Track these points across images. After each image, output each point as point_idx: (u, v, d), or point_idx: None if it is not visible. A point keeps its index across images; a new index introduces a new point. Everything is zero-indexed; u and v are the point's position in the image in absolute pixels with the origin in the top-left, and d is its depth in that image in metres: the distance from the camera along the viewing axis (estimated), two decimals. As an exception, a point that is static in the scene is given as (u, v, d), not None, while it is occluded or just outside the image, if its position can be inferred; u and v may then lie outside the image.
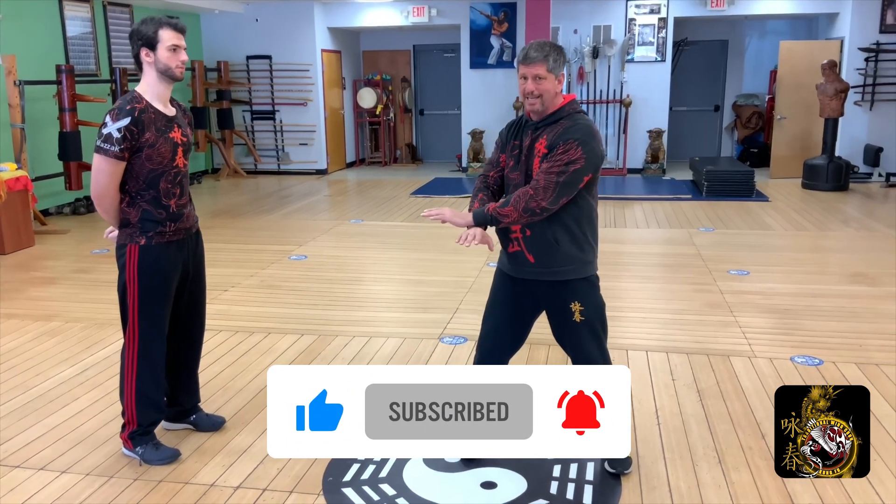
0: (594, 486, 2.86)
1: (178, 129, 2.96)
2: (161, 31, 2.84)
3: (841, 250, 6.63)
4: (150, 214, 2.91)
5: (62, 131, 7.78)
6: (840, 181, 9.47)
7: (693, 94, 12.39)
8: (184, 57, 2.91)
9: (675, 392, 3.68)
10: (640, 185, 10.38)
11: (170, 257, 2.97)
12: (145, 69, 2.89)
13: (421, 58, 13.19)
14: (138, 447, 3.06)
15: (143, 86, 2.91)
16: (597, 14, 11.15)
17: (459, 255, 6.56)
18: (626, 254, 6.60)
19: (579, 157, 2.63)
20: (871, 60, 10.19)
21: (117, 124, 2.78)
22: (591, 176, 2.71)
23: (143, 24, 2.87)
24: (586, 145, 2.65)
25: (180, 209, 2.99)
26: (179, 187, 2.98)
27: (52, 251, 6.84)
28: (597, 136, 2.73)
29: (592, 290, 2.86)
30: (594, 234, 2.84)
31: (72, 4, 8.77)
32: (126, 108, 2.81)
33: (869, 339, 4.37)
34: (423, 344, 4.37)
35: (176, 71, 2.88)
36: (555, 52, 2.72)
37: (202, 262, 3.20)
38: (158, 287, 2.96)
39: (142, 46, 2.86)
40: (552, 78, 2.70)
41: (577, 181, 2.66)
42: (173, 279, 3.01)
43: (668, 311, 4.95)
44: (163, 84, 2.90)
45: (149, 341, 3.00)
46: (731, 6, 10.72)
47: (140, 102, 2.85)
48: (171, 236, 2.97)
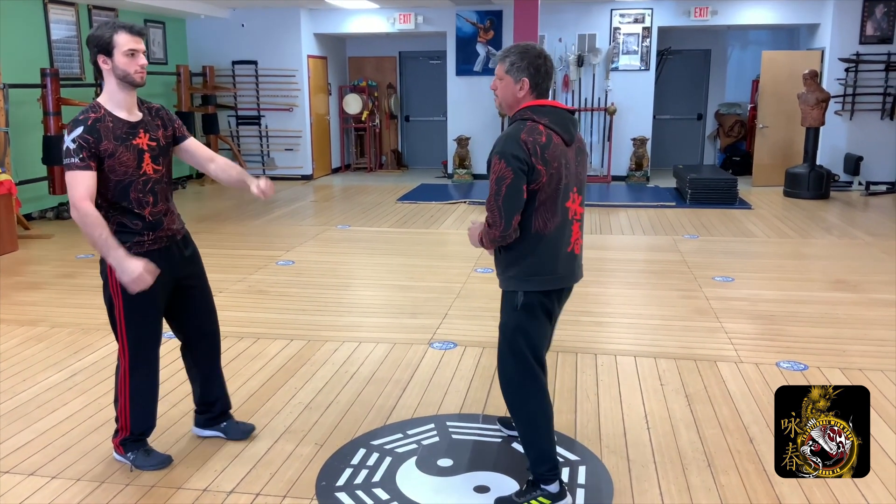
0: (586, 489, 2.89)
1: (145, 133, 2.84)
2: (116, 36, 2.72)
3: (823, 257, 6.72)
4: (124, 227, 2.83)
5: (46, 135, 7.73)
6: (821, 189, 9.60)
7: (676, 103, 12.53)
8: (143, 61, 2.77)
9: (663, 397, 3.72)
10: (624, 192, 10.46)
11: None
12: (105, 77, 2.77)
13: (407, 64, 13.23)
14: (129, 452, 3.05)
15: (104, 95, 2.80)
16: (582, 23, 11.24)
17: (447, 261, 6.59)
18: (613, 260, 6.66)
19: (503, 169, 2.55)
20: (851, 71, 10.35)
21: (72, 135, 2.70)
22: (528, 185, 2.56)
23: (98, 29, 2.75)
24: (503, 155, 2.56)
25: (157, 217, 2.88)
26: (152, 195, 2.86)
27: (36, 256, 6.79)
28: (516, 141, 2.56)
29: (509, 306, 2.74)
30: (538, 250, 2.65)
31: (56, 8, 8.72)
32: (79, 119, 2.73)
33: (852, 344, 4.44)
34: (412, 349, 4.38)
35: (135, 76, 2.76)
36: (514, 56, 2.66)
37: (197, 265, 3.13)
38: (142, 299, 2.83)
39: (98, 53, 2.74)
40: (509, 80, 2.66)
41: (516, 193, 2.55)
42: (157, 290, 2.85)
43: (655, 317, 4.99)
44: (124, 91, 2.79)
45: (139, 351, 2.97)
46: (715, 16, 10.85)
47: (97, 112, 2.75)
48: (150, 245, 2.88)
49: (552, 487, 2.72)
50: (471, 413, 3.54)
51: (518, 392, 2.75)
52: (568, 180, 2.66)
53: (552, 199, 2.62)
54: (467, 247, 6.80)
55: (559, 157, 2.61)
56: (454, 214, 8.72)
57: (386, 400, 3.71)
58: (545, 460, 2.73)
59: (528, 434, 2.76)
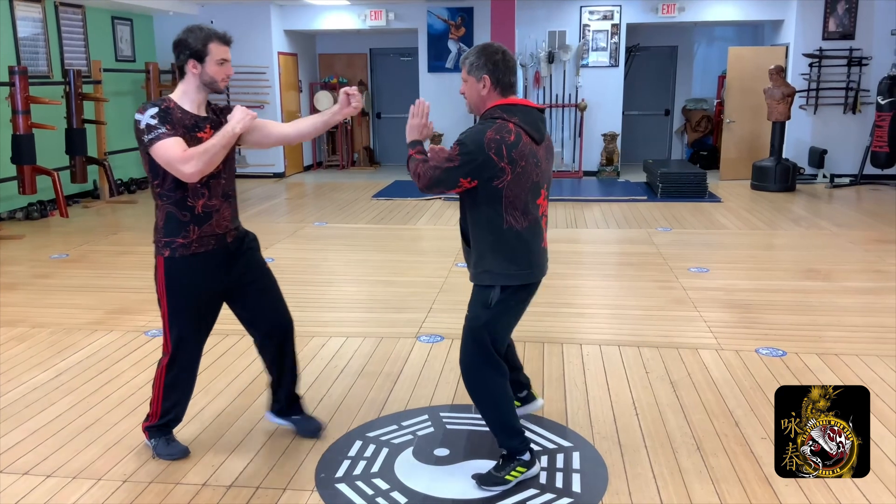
0: (582, 474, 2.95)
1: (211, 129, 2.86)
2: (210, 45, 2.79)
3: (793, 248, 6.89)
4: (173, 217, 2.85)
5: (15, 134, 7.59)
6: (787, 182, 9.83)
7: (644, 99, 12.71)
8: (230, 71, 2.87)
9: (649, 384, 3.80)
10: (595, 187, 10.59)
11: (197, 272, 2.91)
12: (187, 77, 2.84)
13: (378, 61, 13.21)
14: (153, 439, 3.10)
15: (178, 92, 2.86)
16: (552, 20, 11.34)
17: (427, 257, 6.63)
18: (590, 253, 6.75)
19: (455, 156, 2.65)
20: (814, 66, 10.60)
21: (147, 114, 2.75)
22: (472, 181, 2.64)
23: (191, 35, 2.80)
24: (463, 146, 2.65)
25: (207, 211, 2.88)
26: (207, 189, 2.87)
27: (8, 256, 6.67)
28: (479, 139, 2.62)
29: (480, 301, 2.81)
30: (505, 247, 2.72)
31: (23, 5, 8.55)
32: (151, 102, 2.82)
33: (827, 330, 4.57)
34: (400, 343, 4.41)
35: (220, 84, 2.85)
36: (473, 56, 2.75)
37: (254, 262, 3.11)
38: (186, 301, 2.92)
39: (189, 58, 2.80)
40: (472, 81, 2.76)
41: (451, 179, 2.66)
42: (202, 294, 2.95)
43: (635, 308, 5.09)
44: (202, 93, 2.87)
45: (179, 350, 3.00)
46: (682, 13, 11.04)
47: (166, 102, 2.82)
48: (196, 247, 2.88)
49: (525, 456, 2.88)
50: (463, 404, 3.58)
51: (478, 377, 2.87)
52: (539, 178, 2.73)
53: (522, 197, 2.69)
54: (446, 242, 6.88)
55: (527, 155, 2.67)
56: (430, 211, 8.75)
57: (378, 393, 3.73)
58: (514, 434, 2.88)
59: (494, 415, 2.89)
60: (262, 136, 3.09)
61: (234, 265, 3.02)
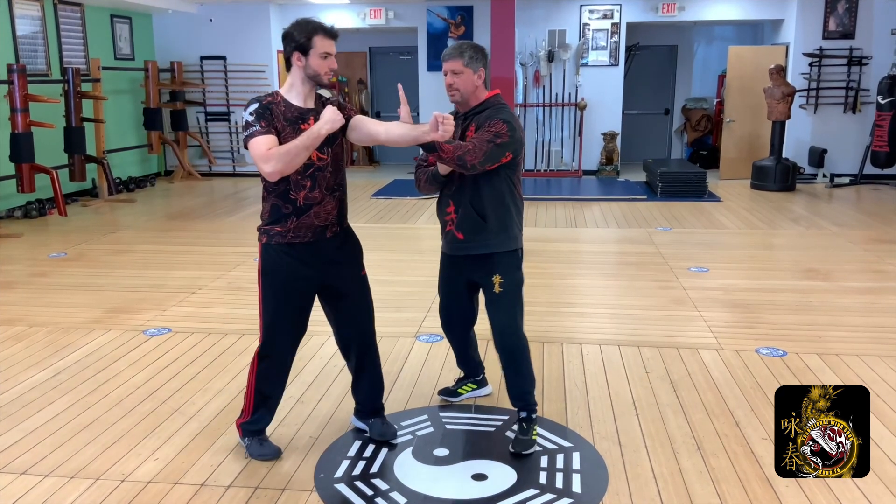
0: (582, 475, 2.94)
1: (315, 121, 2.84)
2: (315, 38, 2.81)
3: (792, 247, 6.88)
4: (277, 209, 2.89)
5: (14, 132, 7.57)
6: (787, 182, 9.82)
7: (644, 98, 12.69)
8: (334, 65, 2.87)
9: (649, 384, 3.79)
10: (595, 186, 10.57)
11: (291, 261, 2.92)
12: (293, 69, 2.87)
13: (377, 60, 13.20)
14: (246, 438, 3.12)
15: (286, 84, 2.90)
16: (552, 19, 11.33)
17: (426, 256, 6.61)
18: (589, 252, 6.75)
19: (504, 132, 2.94)
20: (814, 65, 10.59)
21: (248, 110, 2.82)
22: (511, 156, 3.00)
23: (297, 28, 2.84)
24: (510, 126, 2.96)
25: (308, 203, 2.88)
26: (311, 180, 2.87)
27: (6, 255, 6.65)
28: (519, 124, 3.05)
29: (513, 265, 3.13)
30: (519, 212, 3.14)
31: (22, 3, 8.53)
32: (255, 98, 2.87)
33: (827, 330, 4.57)
34: (400, 342, 4.40)
35: (324, 78, 2.86)
36: (471, 50, 3.01)
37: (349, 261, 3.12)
38: (279, 289, 2.95)
39: (294, 50, 2.84)
40: (469, 73, 3.02)
41: (500, 154, 2.94)
42: (296, 283, 2.96)
43: (635, 307, 5.08)
44: (307, 85, 2.88)
45: (270, 339, 3.02)
46: (682, 12, 11.02)
47: (272, 97, 2.85)
48: (293, 237, 2.90)
49: (534, 414, 3.21)
50: (463, 404, 3.57)
51: (522, 336, 3.20)
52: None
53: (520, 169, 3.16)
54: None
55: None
56: (430, 210, 8.74)
57: (377, 392, 3.72)
58: (533, 385, 3.23)
59: (529, 370, 3.21)
60: (362, 134, 3.00)
61: (330, 262, 3.01)
